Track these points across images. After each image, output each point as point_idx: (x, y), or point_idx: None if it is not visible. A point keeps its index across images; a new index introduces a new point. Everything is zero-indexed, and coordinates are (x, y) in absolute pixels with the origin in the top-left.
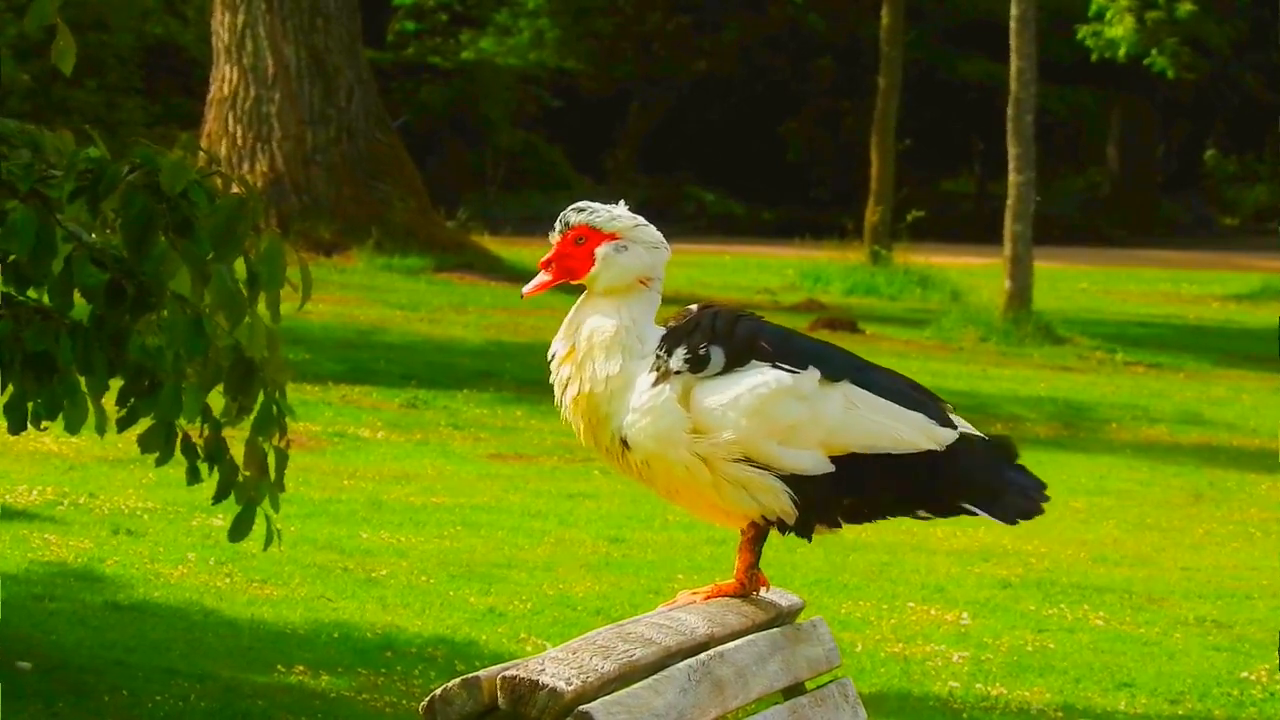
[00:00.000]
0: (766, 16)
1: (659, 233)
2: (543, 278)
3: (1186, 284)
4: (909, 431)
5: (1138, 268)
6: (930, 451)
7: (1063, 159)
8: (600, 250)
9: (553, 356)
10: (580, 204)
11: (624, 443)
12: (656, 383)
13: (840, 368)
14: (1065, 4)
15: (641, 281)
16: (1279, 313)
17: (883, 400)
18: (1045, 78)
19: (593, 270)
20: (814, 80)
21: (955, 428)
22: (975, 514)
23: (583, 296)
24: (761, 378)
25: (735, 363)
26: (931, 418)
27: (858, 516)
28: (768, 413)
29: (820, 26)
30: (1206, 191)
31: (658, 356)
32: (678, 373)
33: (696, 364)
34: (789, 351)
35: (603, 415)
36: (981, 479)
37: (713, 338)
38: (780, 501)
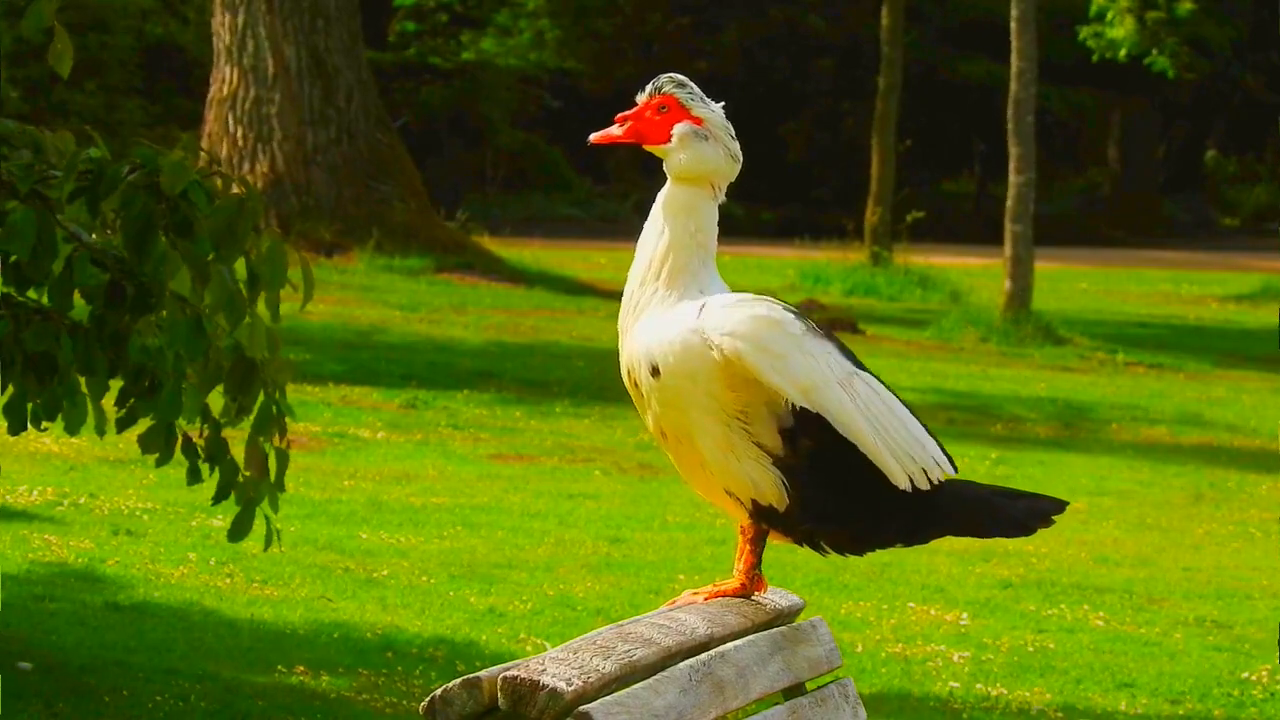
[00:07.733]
0: (766, 17)
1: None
2: (613, 131)
3: (1186, 284)
4: (891, 461)
5: (1138, 268)
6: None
7: (1063, 159)
8: (680, 128)
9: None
10: (681, 78)
11: (654, 370)
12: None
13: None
14: (1065, 4)
15: (712, 185)
16: (1279, 313)
17: (900, 406)
18: (1045, 78)
19: (669, 145)
20: (814, 80)
21: (954, 470)
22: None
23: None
24: (767, 305)
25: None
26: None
27: (828, 519)
28: (762, 329)
29: (820, 27)
30: (1206, 192)
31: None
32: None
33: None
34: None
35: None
36: (966, 512)
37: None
38: (767, 480)
